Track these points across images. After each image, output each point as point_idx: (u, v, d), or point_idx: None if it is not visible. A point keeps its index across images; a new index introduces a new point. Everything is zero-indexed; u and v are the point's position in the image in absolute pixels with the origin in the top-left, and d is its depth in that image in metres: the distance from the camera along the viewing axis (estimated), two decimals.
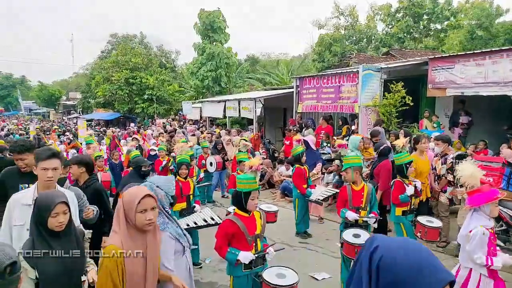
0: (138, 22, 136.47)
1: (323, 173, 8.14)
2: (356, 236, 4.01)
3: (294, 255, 5.65)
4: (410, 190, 4.76)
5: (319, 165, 7.23)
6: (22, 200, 2.84)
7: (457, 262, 5.35)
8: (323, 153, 9.44)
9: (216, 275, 5.17)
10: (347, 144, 6.04)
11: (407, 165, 4.82)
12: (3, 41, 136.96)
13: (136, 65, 28.76)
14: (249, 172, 3.44)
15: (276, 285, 3.00)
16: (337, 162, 7.92)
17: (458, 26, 26.89)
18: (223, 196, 9.75)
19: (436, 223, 4.52)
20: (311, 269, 5.08)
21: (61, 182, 3.31)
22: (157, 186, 2.77)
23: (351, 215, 4.24)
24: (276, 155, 12.77)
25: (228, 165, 9.81)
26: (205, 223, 4.60)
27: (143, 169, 5.21)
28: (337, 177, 7.53)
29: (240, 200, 3.26)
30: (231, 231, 3.20)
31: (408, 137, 5.86)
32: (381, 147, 5.81)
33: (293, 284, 3.03)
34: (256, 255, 3.21)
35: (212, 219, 4.66)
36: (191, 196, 5.37)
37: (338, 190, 6.42)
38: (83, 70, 50.04)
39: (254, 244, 3.25)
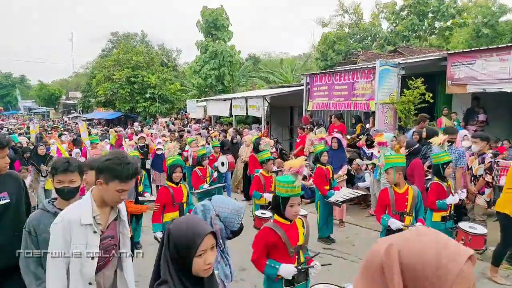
0: (138, 21, 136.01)
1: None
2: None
3: (320, 263, 5.24)
4: (452, 200, 4.30)
5: (345, 167, 6.79)
6: (82, 220, 2.19)
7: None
8: None
9: (239, 285, 4.76)
10: (387, 142, 5.61)
11: (444, 166, 4.39)
12: (2, 41, 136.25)
13: (138, 64, 28.33)
14: (289, 174, 3.01)
15: None
16: (358, 161, 7.52)
17: (463, 24, 26.61)
18: None
19: (480, 229, 4.11)
20: (342, 278, 4.64)
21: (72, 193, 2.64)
22: (217, 215, 2.23)
23: (395, 224, 3.77)
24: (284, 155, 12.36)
25: (239, 166, 9.37)
26: None
27: None
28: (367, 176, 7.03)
29: (279, 205, 2.84)
30: (272, 241, 2.76)
31: (447, 135, 5.42)
32: (414, 146, 5.40)
33: None
34: (299, 268, 2.78)
35: None
36: (184, 204, 4.65)
37: (363, 193, 6.05)
38: (83, 69, 49.65)
39: (296, 256, 2.82)
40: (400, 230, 3.77)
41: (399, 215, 3.85)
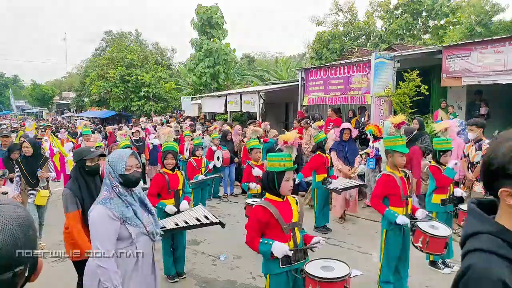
0: (133, 21, 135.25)
1: None
2: (433, 227, 3.48)
3: (318, 251, 5.17)
4: (457, 192, 4.26)
5: (358, 158, 6.49)
6: None
7: None
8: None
9: (234, 272, 4.69)
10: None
11: (441, 153, 4.36)
12: None
13: (132, 62, 28.17)
14: (284, 148, 2.95)
15: (322, 278, 2.52)
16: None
17: (457, 23, 26.82)
18: (225, 196, 8.86)
19: None
20: None
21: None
22: (107, 161, 2.48)
23: (403, 220, 3.51)
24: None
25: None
26: (198, 223, 3.90)
27: (87, 164, 3.34)
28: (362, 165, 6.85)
29: (272, 182, 2.74)
30: (264, 219, 2.69)
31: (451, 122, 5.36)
32: (413, 133, 5.37)
33: (345, 276, 2.55)
34: (295, 249, 2.71)
35: (207, 217, 3.99)
36: (180, 192, 4.46)
37: (361, 182, 5.98)
38: (77, 69, 49.28)
39: (291, 234, 2.75)
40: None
41: (405, 200, 3.67)
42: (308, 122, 9.31)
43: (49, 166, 5.55)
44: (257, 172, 5.30)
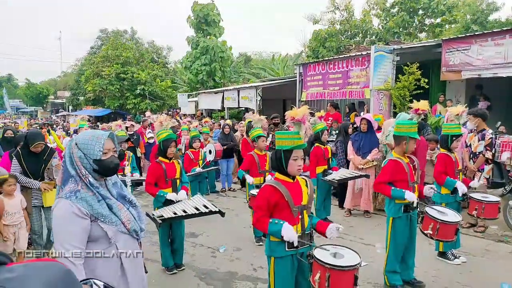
0: (128, 20, 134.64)
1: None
2: (442, 213, 3.37)
3: (320, 242, 5.07)
4: (461, 187, 4.09)
5: (375, 151, 6.17)
6: None
7: (502, 247, 4.89)
8: (331, 140, 8.88)
9: (234, 264, 4.56)
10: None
11: (453, 138, 4.26)
12: None
13: (127, 60, 27.90)
14: (291, 125, 2.82)
15: (334, 266, 2.37)
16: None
17: (453, 21, 26.87)
18: (223, 190, 8.68)
19: (493, 197, 3.98)
20: None
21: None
22: (76, 144, 2.03)
23: (411, 196, 3.41)
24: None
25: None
26: (197, 212, 3.78)
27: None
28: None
29: (280, 160, 2.59)
30: (273, 199, 2.54)
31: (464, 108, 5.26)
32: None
33: (356, 265, 2.41)
34: (300, 241, 2.57)
35: (206, 207, 3.87)
36: (177, 181, 4.35)
37: (360, 173, 5.85)
38: (72, 68, 48.85)
39: (300, 217, 2.62)
40: (412, 203, 3.48)
41: (412, 187, 3.56)
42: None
43: (57, 157, 4.79)
44: (249, 179, 5.21)
